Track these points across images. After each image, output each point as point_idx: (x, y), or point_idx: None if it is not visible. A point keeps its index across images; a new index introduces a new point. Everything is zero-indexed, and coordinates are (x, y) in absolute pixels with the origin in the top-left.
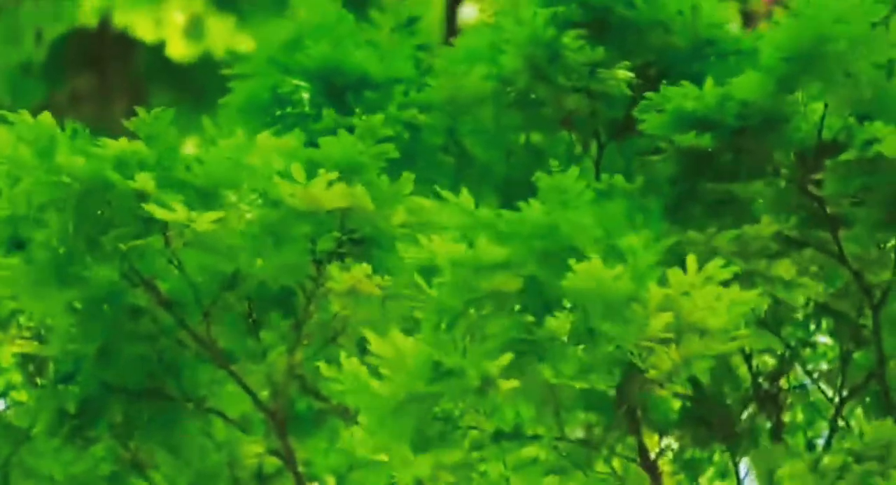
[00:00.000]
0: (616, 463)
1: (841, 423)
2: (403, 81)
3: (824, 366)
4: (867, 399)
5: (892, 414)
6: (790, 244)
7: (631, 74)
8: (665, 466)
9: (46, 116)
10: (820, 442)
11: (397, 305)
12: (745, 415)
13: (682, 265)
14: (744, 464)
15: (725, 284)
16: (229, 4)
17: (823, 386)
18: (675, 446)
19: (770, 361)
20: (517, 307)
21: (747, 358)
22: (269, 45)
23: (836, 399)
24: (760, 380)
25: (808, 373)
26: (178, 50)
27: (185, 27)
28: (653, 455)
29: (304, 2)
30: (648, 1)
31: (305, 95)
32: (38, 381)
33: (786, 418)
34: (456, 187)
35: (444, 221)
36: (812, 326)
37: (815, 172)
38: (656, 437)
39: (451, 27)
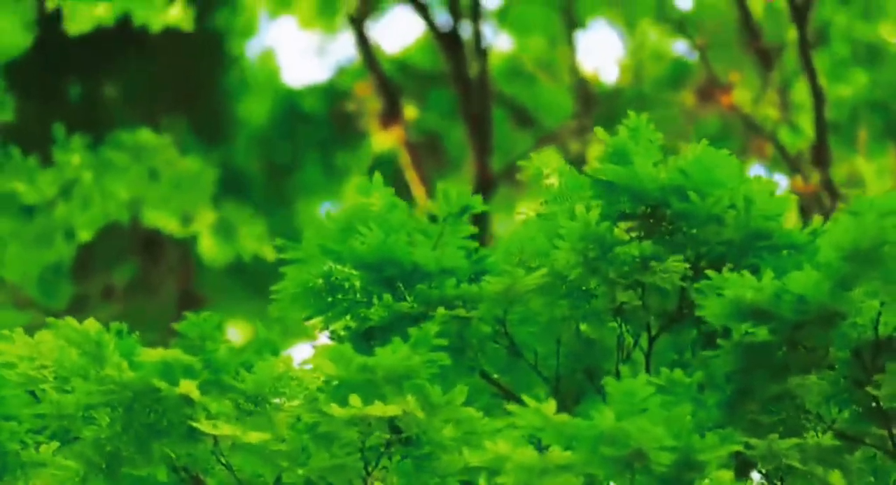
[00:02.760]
0: None
1: None
2: (455, 273)
3: None
4: None
5: None
6: (844, 439)
7: (683, 267)
8: None
9: (92, 323)
10: None
11: None
12: None
13: (745, 468)
14: None
15: None
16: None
17: None
18: None
19: None
20: None
21: None
22: (322, 231)
23: None
24: None
25: None
26: (210, 250)
27: (214, 228)
28: None
29: (357, 188)
30: (701, 194)
31: (357, 283)
32: None
33: None
34: (506, 378)
35: (516, 421)
36: None
37: (872, 368)
38: None
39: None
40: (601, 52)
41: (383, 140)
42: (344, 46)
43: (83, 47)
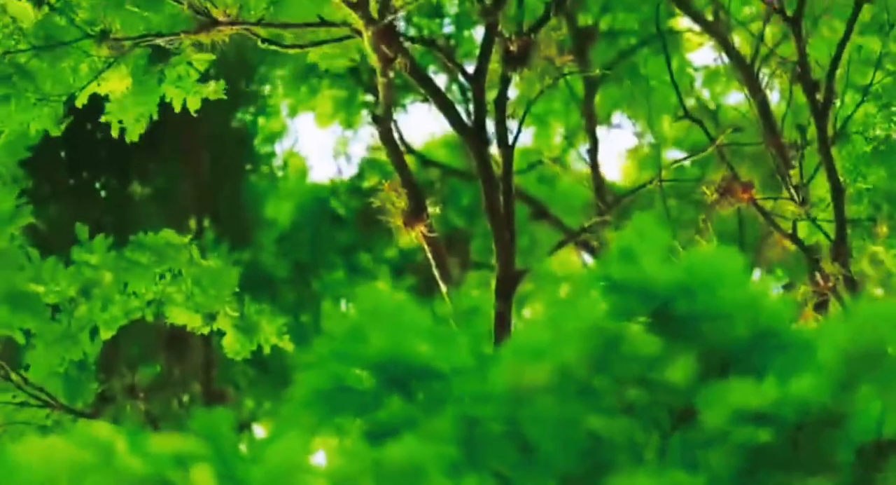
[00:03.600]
0: None
1: None
2: (464, 372)
3: None
4: None
5: None
6: None
7: (692, 364)
8: None
9: (104, 426)
10: None
11: None
12: None
13: None
14: None
15: None
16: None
17: None
18: None
19: None
20: None
21: None
22: (333, 336)
23: None
24: None
25: None
26: (233, 347)
27: (236, 325)
28: None
29: (365, 291)
30: (709, 293)
31: (368, 384)
32: None
33: None
34: (517, 476)
35: None
36: None
37: (876, 468)
38: None
39: (503, 320)
40: (620, 146)
41: (407, 238)
42: (368, 137)
43: (111, 146)
